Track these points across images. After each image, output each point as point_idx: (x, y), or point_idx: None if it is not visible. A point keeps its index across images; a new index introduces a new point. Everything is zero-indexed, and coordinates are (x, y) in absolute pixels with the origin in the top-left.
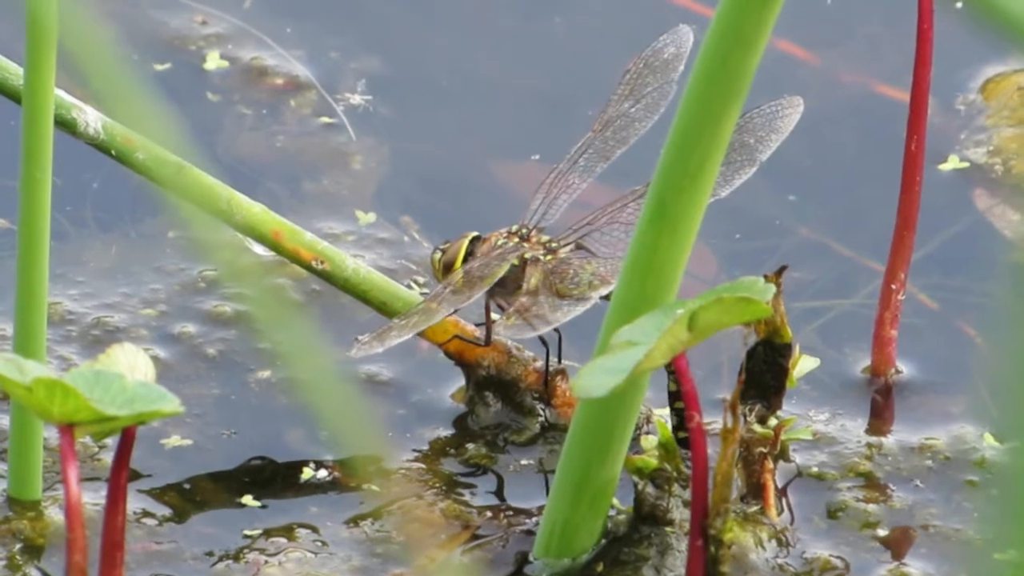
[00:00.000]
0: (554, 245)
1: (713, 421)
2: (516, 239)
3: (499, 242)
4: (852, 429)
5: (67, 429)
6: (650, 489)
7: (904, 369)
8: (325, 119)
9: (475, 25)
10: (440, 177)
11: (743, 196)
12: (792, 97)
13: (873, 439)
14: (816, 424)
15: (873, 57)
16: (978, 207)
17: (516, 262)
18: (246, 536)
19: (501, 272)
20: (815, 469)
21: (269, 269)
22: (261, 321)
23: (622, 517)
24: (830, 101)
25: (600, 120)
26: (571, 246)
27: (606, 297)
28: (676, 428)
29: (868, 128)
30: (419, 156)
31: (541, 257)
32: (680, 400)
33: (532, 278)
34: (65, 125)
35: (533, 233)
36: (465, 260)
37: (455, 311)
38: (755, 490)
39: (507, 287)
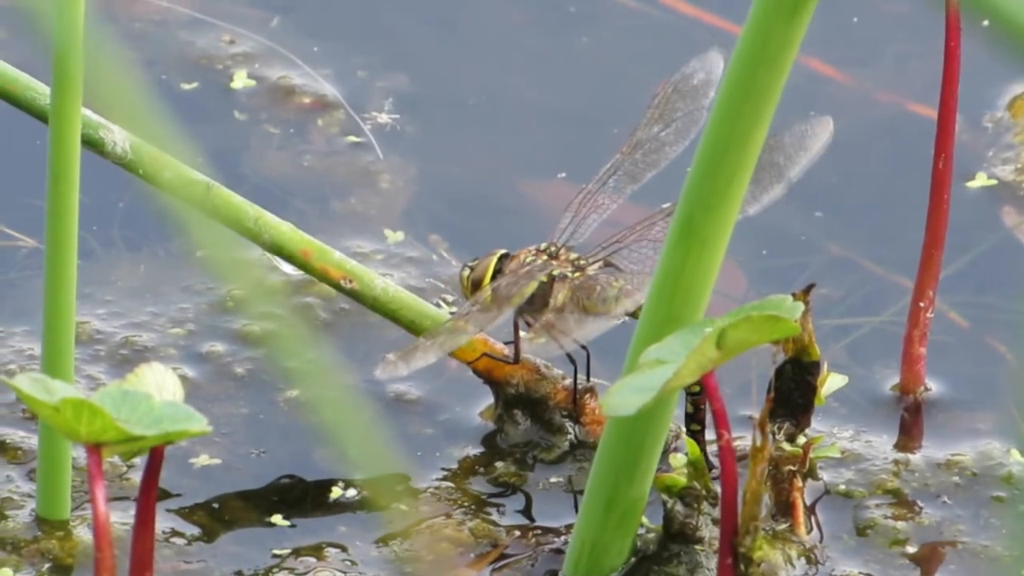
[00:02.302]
0: (582, 263)
1: (740, 437)
2: (544, 257)
3: (527, 260)
4: (880, 447)
5: (94, 449)
6: (679, 507)
7: (933, 387)
8: (352, 138)
9: (502, 44)
10: (468, 195)
11: (772, 214)
12: (822, 117)
13: (900, 456)
14: (844, 442)
15: (901, 75)
16: (1006, 224)
17: (544, 279)
18: (275, 555)
19: (530, 290)
20: (843, 487)
21: (297, 288)
22: (286, 340)
23: (651, 535)
24: (858, 119)
25: (629, 142)
26: (599, 263)
27: (634, 315)
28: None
29: (896, 146)
30: (447, 174)
31: (569, 274)
32: (696, 422)
33: (559, 295)
34: (93, 145)
35: (562, 251)
36: (493, 278)
37: (483, 330)
38: (784, 508)
39: (535, 304)
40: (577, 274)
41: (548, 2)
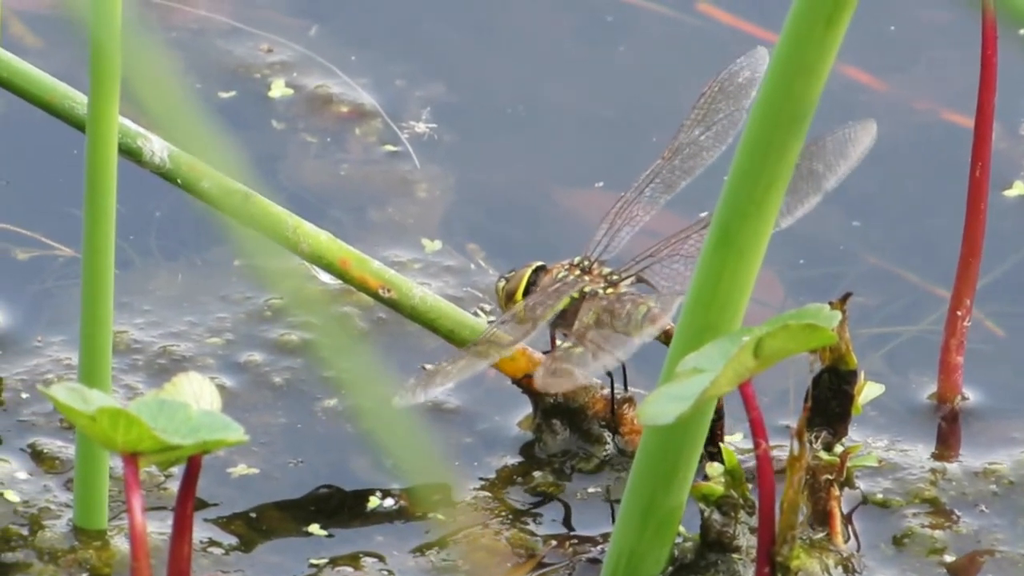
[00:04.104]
0: (615, 278)
1: (778, 446)
2: (577, 272)
3: (560, 274)
4: (917, 455)
5: (131, 458)
6: (716, 516)
7: (970, 395)
8: (390, 147)
9: (539, 52)
10: (505, 204)
11: (809, 223)
12: (866, 122)
13: (937, 465)
14: (881, 451)
15: (938, 83)
16: None
17: (575, 295)
18: (312, 565)
19: (561, 306)
20: (880, 495)
21: (335, 297)
22: (325, 350)
23: (688, 544)
24: (895, 127)
25: (671, 147)
26: (632, 278)
27: (662, 339)
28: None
29: (933, 154)
30: (484, 183)
31: (600, 291)
32: (712, 445)
33: (587, 314)
34: (130, 154)
35: (595, 266)
36: (527, 290)
37: (516, 343)
38: (821, 517)
39: (567, 320)
40: (609, 290)
41: (586, 11)
